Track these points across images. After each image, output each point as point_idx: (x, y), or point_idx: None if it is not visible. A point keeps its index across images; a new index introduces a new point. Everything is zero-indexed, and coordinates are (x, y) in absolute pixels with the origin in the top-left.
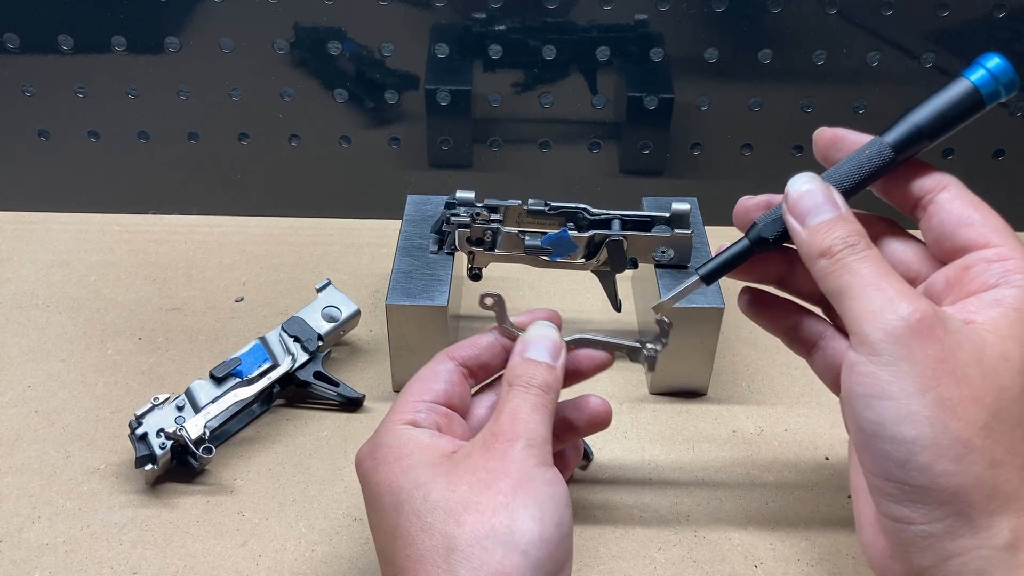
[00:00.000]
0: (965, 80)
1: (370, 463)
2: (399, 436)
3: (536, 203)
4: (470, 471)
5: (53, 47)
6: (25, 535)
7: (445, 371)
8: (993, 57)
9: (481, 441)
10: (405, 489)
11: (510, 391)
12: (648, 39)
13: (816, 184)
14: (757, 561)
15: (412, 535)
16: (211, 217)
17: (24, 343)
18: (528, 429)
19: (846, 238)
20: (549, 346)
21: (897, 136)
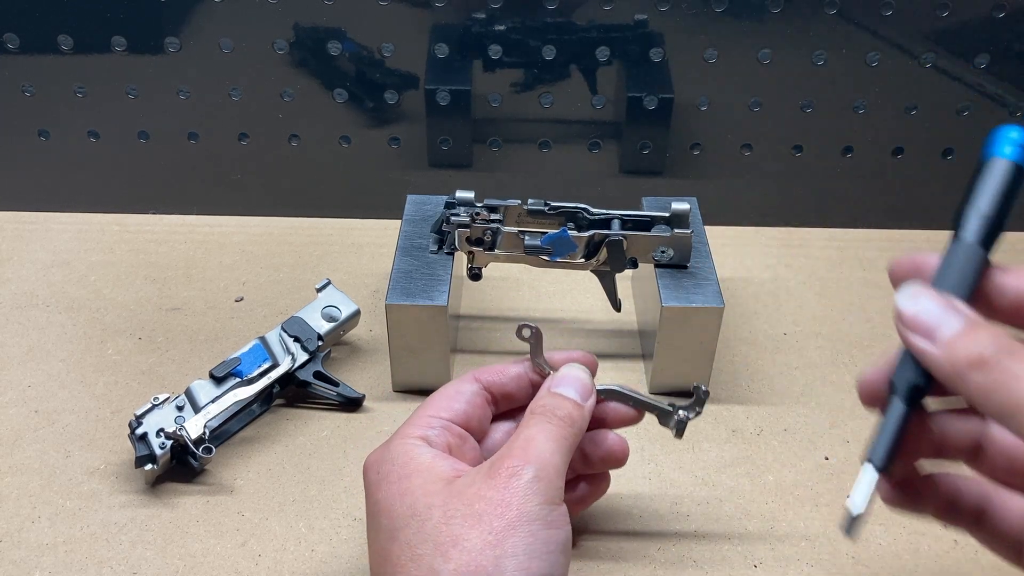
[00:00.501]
0: (1003, 160)
1: (375, 476)
2: (406, 453)
3: (536, 203)
4: (467, 501)
5: (53, 47)
6: (25, 535)
7: (469, 392)
8: (1011, 130)
9: (488, 466)
10: (401, 516)
11: (531, 419)
12: (648, 39)
13: (928, 292)
14: (757, 561)
15: (402, 563)
16: (211, 217)
17: (24, 343)
18: (541, 459)
19: (995, 342)
20: (579, 387)
21: (978, 232)
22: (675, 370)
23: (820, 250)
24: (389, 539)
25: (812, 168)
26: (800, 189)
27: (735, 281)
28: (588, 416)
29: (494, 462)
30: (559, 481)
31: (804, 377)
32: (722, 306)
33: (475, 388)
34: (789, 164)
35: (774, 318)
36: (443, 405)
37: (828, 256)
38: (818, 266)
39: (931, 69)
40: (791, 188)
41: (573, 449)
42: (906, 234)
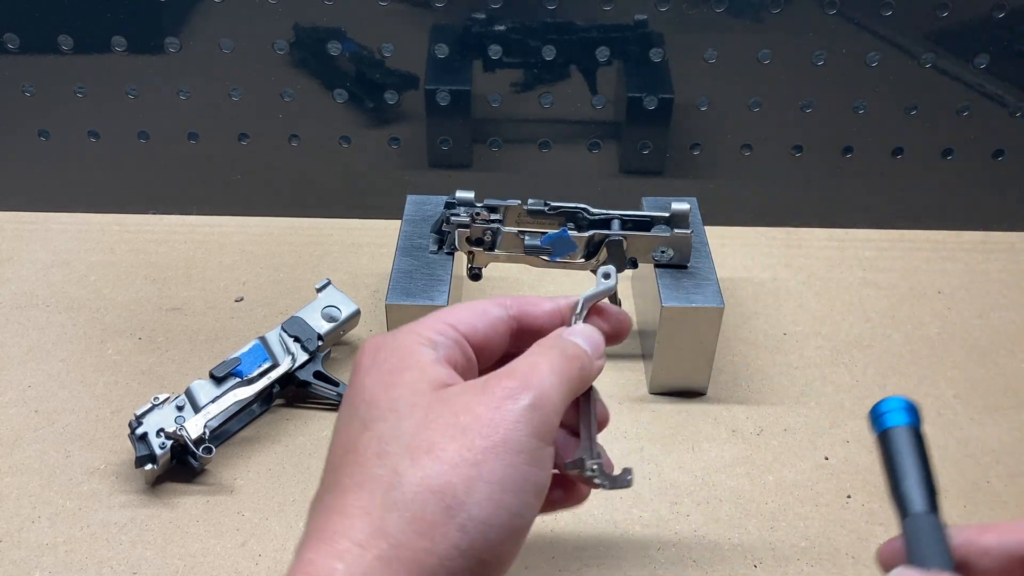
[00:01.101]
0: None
1: (367, 361)
2: (407, 347)
3: (536, 203)
4: (453, 411)
5: (53, 47)
6: (25, 535)
7: (494, 316)
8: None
9: (483, 382)
10: (380, 407)
11: (538, 347)
12: (648, 39)
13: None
14: (757, 561)
15: (366, 457)
16: (211, 217)
17: (24, 343)
18: (541, 388)
19: None
20: (593, 342)
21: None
22: (675, 370)
23: (820, 250)
24: (361, 428)
25: (812, 168)
26: (800, 189)
27: (735, 281)
28: (596, 373)
29: (489, 379)
30: (555, 419)
31: (804, 377)
32: (722, 306)
33: (502, 315)
34: (789, 164)
35: (774, 318)
36: (464, 318)
37: (828, 256)
38: (818, 266)
39: (931, 69)
40: (791, 188)
41: (575, 395)
42: (906, 234)
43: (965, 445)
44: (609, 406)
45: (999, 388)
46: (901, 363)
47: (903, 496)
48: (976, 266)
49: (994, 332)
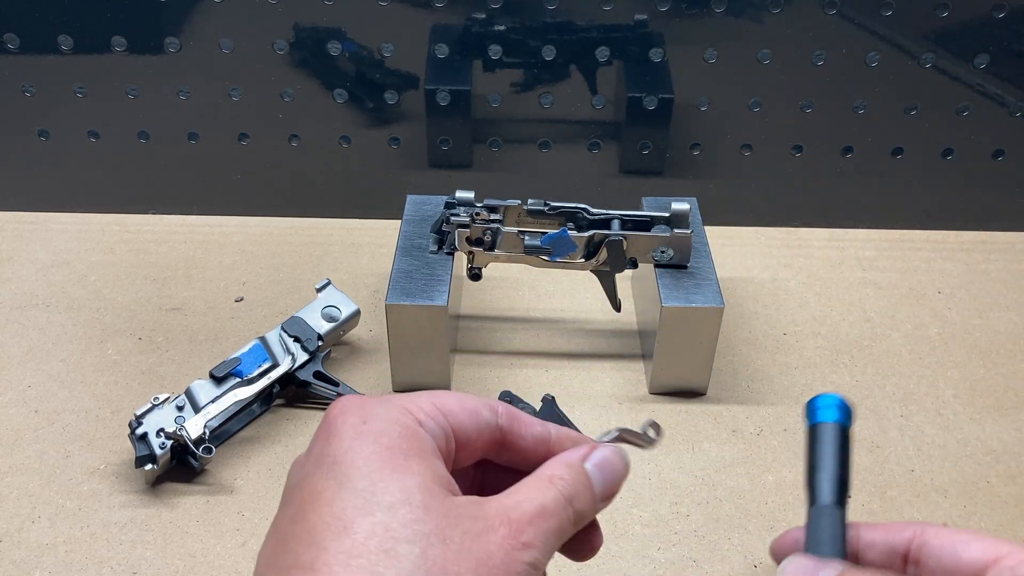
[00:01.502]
0: (831, 424)
1: (356, 423)
2: (406, 426)
3: (536, 203)
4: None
5: (53, 47)
6: (25, 535)
7: (484, 422)
8: (828, 397)
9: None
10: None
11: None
12: (648, 39)
13: (804, 558)
14: (757, 561)
15: (367, 548)
16: (211, 217)
17: (24, 343)
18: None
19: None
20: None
21: (832, 495)
22: (675, 370)
23: (820, 250)
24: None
25: (812, 168)
26: (800, 189)
27: (735, 281)
28: (590, 518)
29: (501, 516)
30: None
31: (804, 377)
32: (722, 306)
33: (491, 422)
34: (789, 164)
35: (774, 318)
36: (454, 411)
37: (828, 256)
38: (818, 266)
39: (931, 69)
40: (791, 188)
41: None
42: (906, 234)
43: (965, 445)
44: (609, 406)
45: (999, 388)
46: (901, 363)
47: (814, 487)
48: (976, 266)
49: (994, 332)
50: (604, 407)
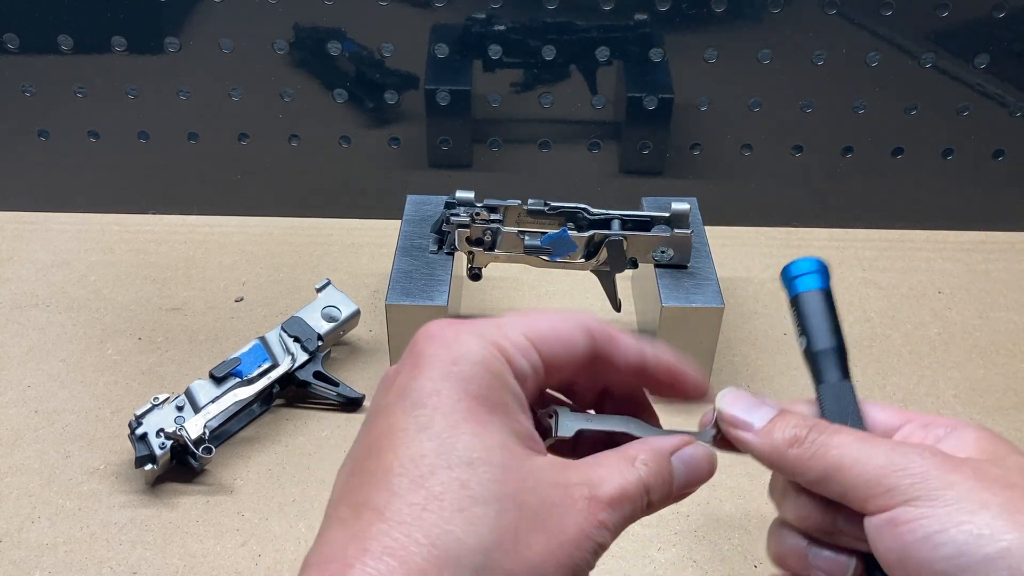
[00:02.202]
0: (814, 292)
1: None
2: (495, 369)
3: (536, 203)
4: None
5: (53, 47)
6: (25, 535)
7: (582, 348)
8: (804, 263)
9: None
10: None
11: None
12: (648, 39)
13: (740, 393)
14: (757, 561)
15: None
16: (211, 217)
17: (24, 343)
18: (613, 532)
19: (805, 422)
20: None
21: (837, 368)
22: None
23: (820, 250)
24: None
25: (812, 168)
26: (800, 189)
27: (735, 281)
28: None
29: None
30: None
31: (804, 377)
32: (722, 306)
33: (583, 344)
34: (789, 164)
35: (774, 318)
36: (548, 338)
37: (828, 256)
38: None
39: (931, 69)
40: (791, 188)
41: None
42: (906, 234)
43: None
44: None
45: (999, 388)
46: (901, 363)
47: (818, 365)
48: (976, 266)
49: (994, 332)
50: None
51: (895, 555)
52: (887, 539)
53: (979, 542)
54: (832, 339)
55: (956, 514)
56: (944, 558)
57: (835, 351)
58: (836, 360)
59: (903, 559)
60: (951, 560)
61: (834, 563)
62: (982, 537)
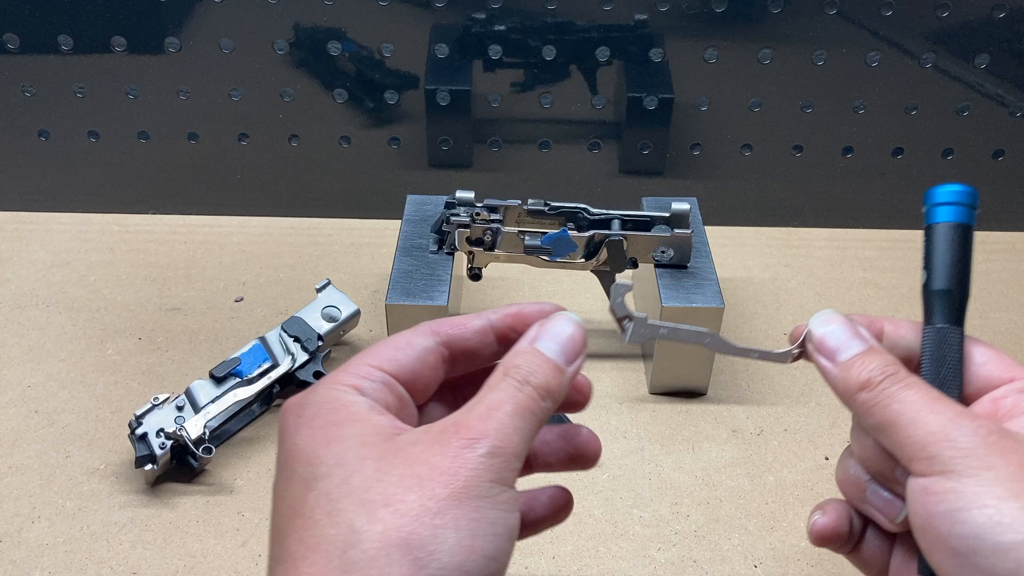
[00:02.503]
0: (949, 225)
1: (293, 419)
2: (335, 399)
3: (536, 203)
4: (408, 462)
5: (53, 47)
6: (25, 535)
7: (421, 347)
8: (945, 191)
9: (438, 430)
10: (324, 464)
11: (501, 381)
12: (648, 39)
13: (838, 319)
14: (757, 561)
15: (316, 517)
16: (211, 217)
17: (24, 343)
18: (501, 434)
19: (884, 368)
20: (565, 345)
21: (948, 312)
22: (675, 370)
23: (820, 250)
24: (304, 488)
25: (812, 168)
26: (800, 189)
27: (735, 281)
28: (568, 385)
29: (446, 427)
30: (516, 463)
31: (804, 377)
32: (722, 306)
33: (430, 343)
34: (789, 164)
35: (774, 318)
36: (388, 356)
37: (828, 256)
38: (818, 266)
39: (931, 69)
40: (791, 188)
41: (542, 424)
42: (906, 234)
43: None
44: (609, 406)
45: None
46: None
47: (930, 303)
48: (976, 266)
49: (994, 332)
50: (604, 407)
51: (920, 520)
52: (917, 503)
53: (996, 528)
54: (950, 280)
55: (983, 496)
56: (958, 536)
57: (949, 294)
58: (948, 303)
59: (925, 527)
60: (964, 540)
61: (889, 505)
62: (1000, 524)
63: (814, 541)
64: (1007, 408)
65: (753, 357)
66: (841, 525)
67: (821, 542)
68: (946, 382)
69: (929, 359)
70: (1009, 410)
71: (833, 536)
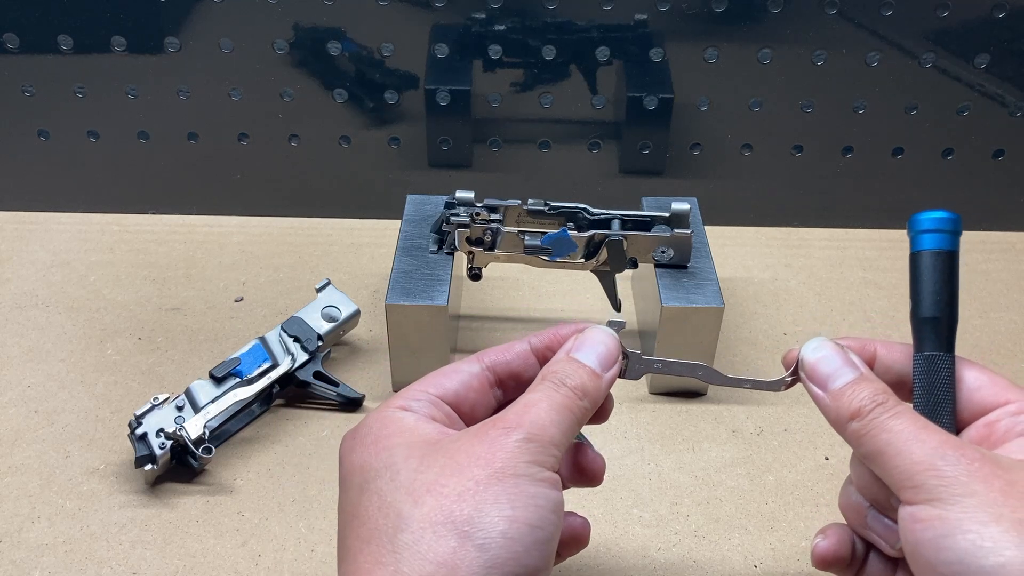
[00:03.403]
0: (932, 252)
1: (349, 444)
2: (384, 419)
3: (536, 203)
4: (448, 454)
5: (53, 47)
6: (25, 535)
7: (467, 372)
8: (928, 218)
9: (477, 427)
10: (374, 468)
11: (538, 384)
12: (648, 39)
13: (830, 347)
14: (757, 561)
15: (368, 514)
16: (211, 217)
17: (24, 343)
18: (537, 424)
19: (874, 397)
20: (601, 352)
21: (936, 339)
22: None
23: (820, 250)
24: (359, 493)
25: (812, 168)
26: (800, 189)
27: (735, 281)
28: (606, 389)
29: (485, 423)
30: (554, 450)
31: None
32: (722, 306)
33: (475, 369)
34: (789, 164)
35: (774, 318)
36: (433, 382)
37: (828, 256)
38: (818, 266)
39: (931, 69)
40: (791, 188)
41: (581, 424)
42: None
43: None
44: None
45: None
46: None
47: (920, 330)
48: (976, 266)
49: (994, 332)
50: None
51: (910, 547)
52: (906, 531)
53: (979, 553)
54: (936, 308)
55: (967, 522)
56: (945, 563)
57: (937, 321)
58: (936, 330)
59: (914, 555)
60: (950, 566)
61: (888, 531)
62: (983, 549)
63: (816, 564)
64: (1001, 432)
65: (746, 387)
66: (843, 549)
67: (824, 565)
68: (937, 410)
69: (920, 387)
70: (1003, 434)
71: (835, 560)
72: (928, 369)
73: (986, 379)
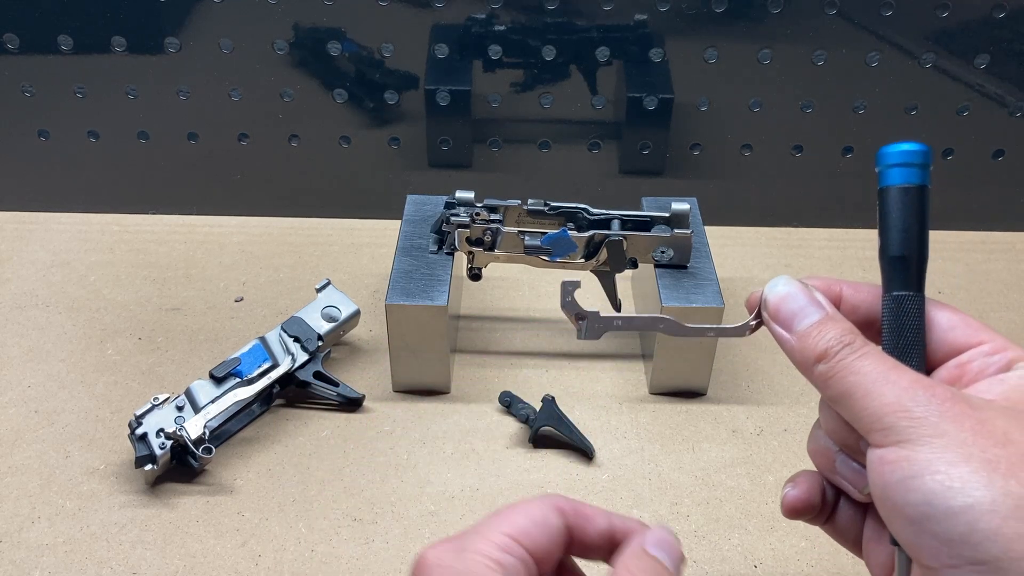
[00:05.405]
0: (902, 187)
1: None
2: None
3: (536, 203)
4: None
5: (53, 47)
6: (25, 535)
7: (555, 527)
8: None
9: None
10: None
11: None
12: (648, 39)
13: (795, 286)
14: (757, 561)
15: None
16: (211, 217)
17: (24, 343)
18: None
19: (840, 338)
20: (674, 554)
21: (906, 279)
22: (675, 370)
23: (820, 250)
24: None
25: (812, 168)
26: (800, 189)
27: (735, 281)
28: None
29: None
30: None
31: (804, 377)
32: (722, 306)
33: (560, 525)
34: (789, 164)
35: None
36: (526, 530)
37: (828, 256)
38: (818, 266)
39: (931, 69)
40: (791, 188)
41: None
42: None
43: None
44: (609, 406)
45: None
46: None
47: (888, 270)
48: (976, 266)
49: None
50: (604, 407)
51: (878, 491)
52: (874, 474)
53: (947, 494)
54: (905, 247)
55: (935, 463)
56: (912, 504)
57: (905, 260)
58: (905, 270)
59: (882, 498)
60: (917, 508)
61: (857, 476)
62: (951, 490)
63: (786, 514)
64: (972, 373)
65: (710, 335)
66: (812, 497)
67: (793, 514)
68: (906, 351)
69: (889, 328)
70: (975, 375)
71: (805, 508)
72: (897, 310)
73: (959, 320)
